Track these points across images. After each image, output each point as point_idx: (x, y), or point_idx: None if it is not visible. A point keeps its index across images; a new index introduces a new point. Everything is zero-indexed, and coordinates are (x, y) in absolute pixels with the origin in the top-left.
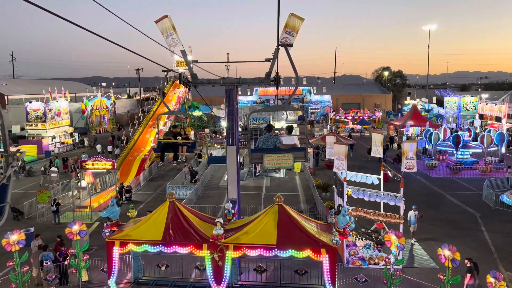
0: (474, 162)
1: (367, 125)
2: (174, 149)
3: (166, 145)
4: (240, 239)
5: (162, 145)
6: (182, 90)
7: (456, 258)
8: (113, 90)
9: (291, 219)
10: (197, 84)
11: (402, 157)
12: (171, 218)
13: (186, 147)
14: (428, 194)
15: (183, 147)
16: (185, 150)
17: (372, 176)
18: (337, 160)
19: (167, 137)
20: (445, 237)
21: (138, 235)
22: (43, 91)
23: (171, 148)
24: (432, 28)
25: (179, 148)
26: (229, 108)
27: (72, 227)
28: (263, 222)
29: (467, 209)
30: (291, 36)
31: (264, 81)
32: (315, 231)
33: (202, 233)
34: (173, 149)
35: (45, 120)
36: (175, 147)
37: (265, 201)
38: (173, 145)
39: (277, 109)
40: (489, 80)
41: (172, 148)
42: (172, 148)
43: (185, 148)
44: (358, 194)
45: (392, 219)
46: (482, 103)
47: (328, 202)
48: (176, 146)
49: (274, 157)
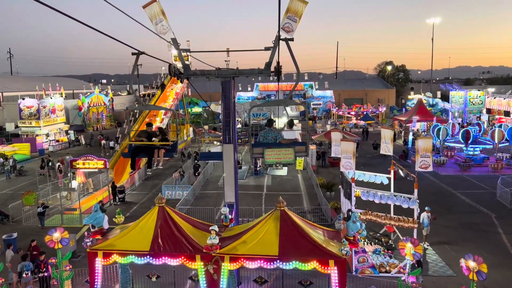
0: (485, 158)
1: (371, 120)
2: (148, 153)
3: (139, 149)
4: (238, 249)
5: (133, 148)
6: (180, 85)
7: (483, 271)
8: (113, 87)
9: (294, 226)
10: (189, 75)
11: (416, 155)
12: (161, 225)
13: (163, 150)
14: (438, 193)
15: (160, 151)
16: (162, 155)
17: (381, 175)
18: (344, 158)
19: (139, 139)
20: (460, 241)
21: (123, 245)
22: (36, 87)
23: (145, 152)
24: (436, 22)
25: (155, 152)
26: (225, 102)
27: (53, 235)
28: (264, 229)
29: (481, 209)
30: (293, 22)
31: (264, 72)
32: (322, 239)
33: (195, 242)
34: (147, 153)
35: (39, 117)
36: (149, 150)
37: (266, 201)
38: (147, 148)
39: (278, 104)
40: (491, 75)
41: (146, 152)
42: (146, 152)
43: (162, 151)
44: (367, 196)
45: (405, 223)
46: (489, 97)
47: (333, 202)
48: (151, 150)
49: (275, 151)
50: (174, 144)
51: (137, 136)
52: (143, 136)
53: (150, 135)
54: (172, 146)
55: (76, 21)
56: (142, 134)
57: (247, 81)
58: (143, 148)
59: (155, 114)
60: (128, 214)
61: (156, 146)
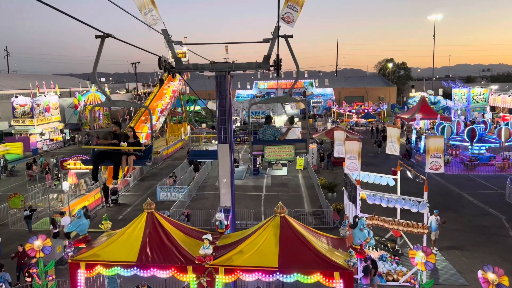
0: (491, 157)
1: (372, 118)
2: (114, 160)
3: (103, 155)
4: (234, 260)
5: (96, 154)
6: (177, 83)
7: (504, 284)
8: (112, 85)
9: (296, 235)
10: (181, 70)
11: (426, 156)
12: (149, 234)
13: (134, 157)
14: (445, 194)
15: (130, 157)
16: (132, 162)
17: (387, 176)
18: (349, 159)
19: (104, 142)
20: (470, 245)
21: (108, 255)
22: (29, 85)
23: (110, 159)
24: (438, 18)
25: (123, 159)
26: (220, 99)
27: (34, 242)
28: (262, 238)
29: (490, 211)
30: (294, 12)
31: (262, 65)
32: (326, 249)
33: (186, 252)
34: (113, 160)
35: (32, 116)
36: (116, 157)
37: (265, 203)
38: (113, 154)
39: (278, 101)
40: (491, 73)
41: (112, 159)
42: (111, 159)
43: (132, 158)
44: (374, 199)
45: (414, 229)
46: (493, 94)
47: (336, 204)
48: (118, 156)
49: (275, 149)
50: (148, 149)
51: (102, 139)
52: (109, 138)
53: (118, 138)
54: (145, 152)
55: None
56: (107, 136)
57: (246, 79)
58: (109, 154)
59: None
60: (120, 217)
61: (125, 152)
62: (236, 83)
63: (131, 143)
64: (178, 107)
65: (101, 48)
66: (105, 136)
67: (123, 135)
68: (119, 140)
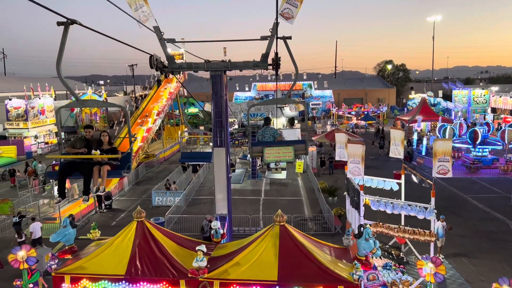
0: (494, 160)
1: (372, 120)
2: (85, 171)
3: (71, 166)
4: (229, 273)
5: (63, 165)
6: (174, 85)
7: None
8: (110, 88)
9: (296, 245)
10: (174, 69)
11: (433, 160)
12: (139, 244)
13: (108, 167)
14: (448, 197)
15: (103, 167)
16: (106, 174)
17: (391, 180)
18: (351, 163)
19: (72, 150)
20: (477, 252)
21: (95, 267)
22: (24, 87)
23: (80, 171)
24: (437, 19)
25: (95, 171)
26: (215, 100)
27: (17, 253)
28: (260, 249)
29: (497, 216)
30: (293, 7)
31: (260, 64)
32: (328, 260)
33: (179, 264)
34: (84, 172)
35: (26, 119)
36: (87, 168)
37: (264, 208)
38: (84, 164)
39: (277, 102)
40: (489, 75)
41: (82, 170)
42: (81, 170)
43: (106, 168)
44: (378, 206)
45: (421, 237)
46: (494, 96)
47: (337, 209)
48: (89, 167)
49: (275, 150)
50: (126, 157)
51: (69, 146)
52: (80, 145)
53: (90, 144)
54: (122, 161)
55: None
56: (76, 143)
57: (245, 81)
58: (78, 164)
59: (147, 115)
60: (114, 223)
61: (98, 161)
62: (235, 85)
63: (105, 151)
64: (175, 109)
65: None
66: (73, 143)
67: (96, 141)
68: (91, 147)
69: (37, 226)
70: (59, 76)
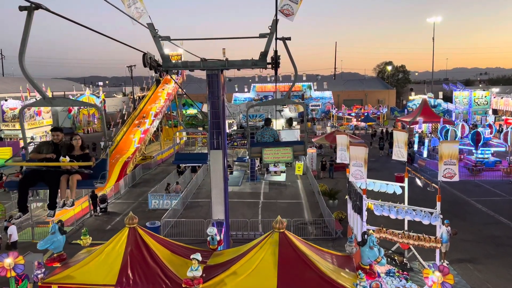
0: (497, 162)
1: (372, 122)
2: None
3: (35, 174)
4: (226, 283)
5: (26, 174)
6: (172, 85)
7: None
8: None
9: (297, 253)
10: (169, 68)
11: (439, 162)
12: (131, 252)
13: (78, 176)
14: (451, 200)
15: (72, 177)
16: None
17: (393, 184)
18: (354, 166)
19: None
20: (483, 258)
21: (84, 276)
22: (19, 88)
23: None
24: (437, 21)
25: (62, 180)
26: (212, 100)
27: (4, 260)
28: (259, 257)
29: (501, 220)
30: (294, 4)
31: (259, 63)
32: (330, 269)
33: (173, 274)
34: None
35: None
36: (54, 177)
37: (262, 211)
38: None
39: (276, 103)
40: (488, 76)
41: (49, 179)
42: (47, 179)
43: (75, 178)
44: (382, 211)
45: (426, 243)
46: (495, 97)
47: (337, 212)
48: (56, 176)
49: (273, 151)
50: (100, 164)
51: (34, 152)
52: (46, 151)
53: (58, 150)
54: (95, 169)
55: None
56: (42, 148)
57: (244, 82)
58: (43, 173)
59: (144, 116)
60: (109, 227)
61: (67, 170)
62: (234, 86)
63: (76, 157)
64: (174, 110)
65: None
66: (38, 148)
67: (65, 145)
68: (59, 152)
69: (13, 229)
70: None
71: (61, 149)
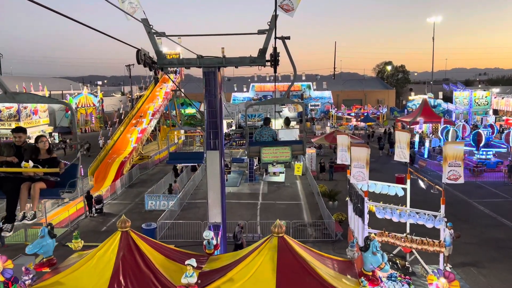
0: (498, 163)
1: (372, 122)
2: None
3: None
4: None
5: None
6: (170, 85)
7: None
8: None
9: (296, 259)
10: (164, 65)
11: (443, 164)
12: (123, 257)
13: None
14: (452, 202)
15: (35, 185)
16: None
17: (396, 185)
18: (355, 167)
19: None
20: (486, 261)
21: (73, 283)
22: (16, 87)
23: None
24: (437, 20)
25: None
26: (209, 99)
27: None
28: (256, 263)
29: (504, 222)
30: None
31: (257, 60)
32: (331, 275)
33: (166, 280)
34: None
35: (19, 119)
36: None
37: (261, 213)
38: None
39: (275, 102)
40: (487, 77)
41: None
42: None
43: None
44: (384, 213)
45: (430, 247)
46: (496, 97)
47: (337, 214)
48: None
49: (272, 150)
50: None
51: None
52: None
53: (21, 153)
54: (63, 176)
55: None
56: (4, 150)
57: (243, 82)
58: (1, 180)
59: (141, 115)
60: (104, 228)
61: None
62: (233, 85)
63: (41, 162)
64: (172, 109)
65: None
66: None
67: (30, 148)
68: (22, 156)
69: None
70: None
71: (24, 152)
